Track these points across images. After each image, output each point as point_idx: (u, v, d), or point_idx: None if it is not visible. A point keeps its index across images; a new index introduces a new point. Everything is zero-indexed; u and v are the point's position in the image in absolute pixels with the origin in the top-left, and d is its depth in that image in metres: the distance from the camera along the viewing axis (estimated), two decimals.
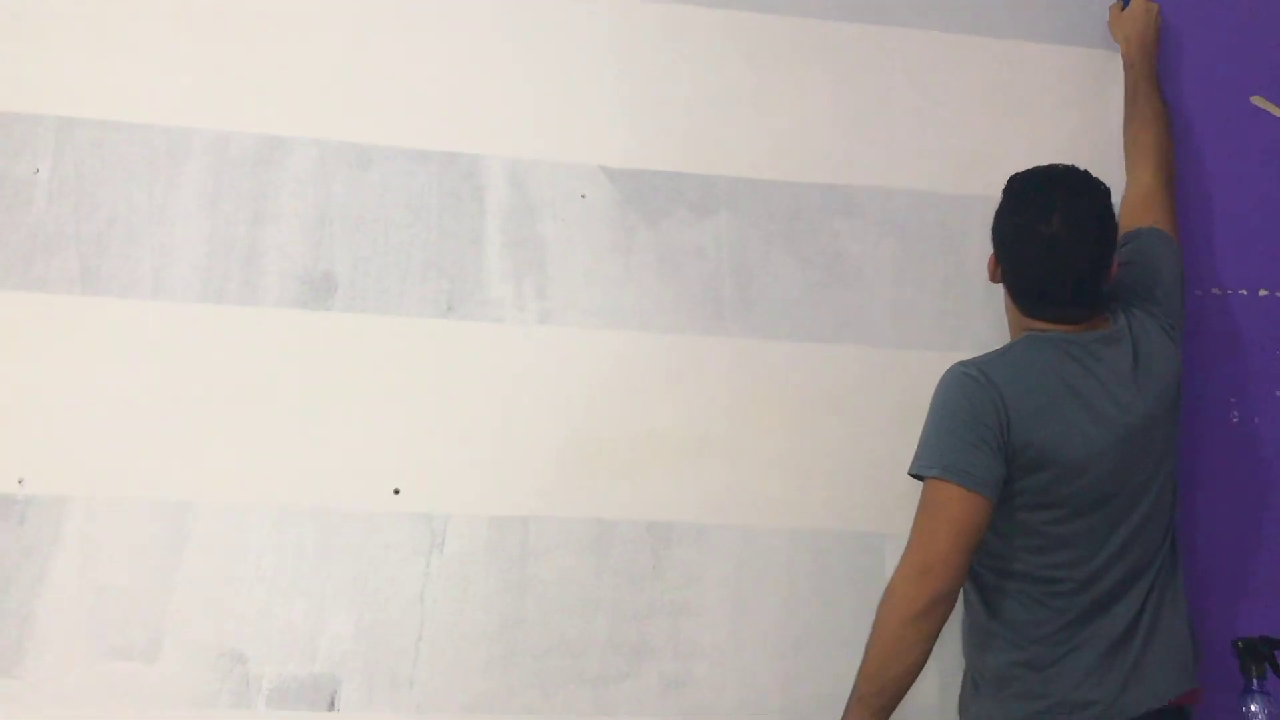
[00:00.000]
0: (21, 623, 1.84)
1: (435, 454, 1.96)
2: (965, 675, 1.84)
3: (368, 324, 1.99)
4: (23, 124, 1.98)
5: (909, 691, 1.64)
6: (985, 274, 1.91)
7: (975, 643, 1.80)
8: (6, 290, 1.93)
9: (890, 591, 1.65)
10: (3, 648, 1.83)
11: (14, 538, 1.86)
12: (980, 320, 2.09)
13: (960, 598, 1.73)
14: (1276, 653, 1.76)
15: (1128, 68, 2.16)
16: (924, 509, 1.67)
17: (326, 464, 1.93)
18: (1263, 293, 2.16)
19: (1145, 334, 1.80)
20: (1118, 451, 1.71)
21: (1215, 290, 2.16)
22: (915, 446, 1.73)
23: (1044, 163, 1.84)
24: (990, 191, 1.87)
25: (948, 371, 1.76)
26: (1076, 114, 2.21)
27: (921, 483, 1.69)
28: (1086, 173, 1.78)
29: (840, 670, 1.75)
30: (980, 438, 1.68)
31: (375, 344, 1.98)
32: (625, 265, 2.06)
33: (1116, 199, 1.83)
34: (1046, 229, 1.72)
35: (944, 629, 1.65)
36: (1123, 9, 2.21)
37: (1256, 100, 2.22)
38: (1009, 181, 1.82)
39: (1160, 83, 2.14)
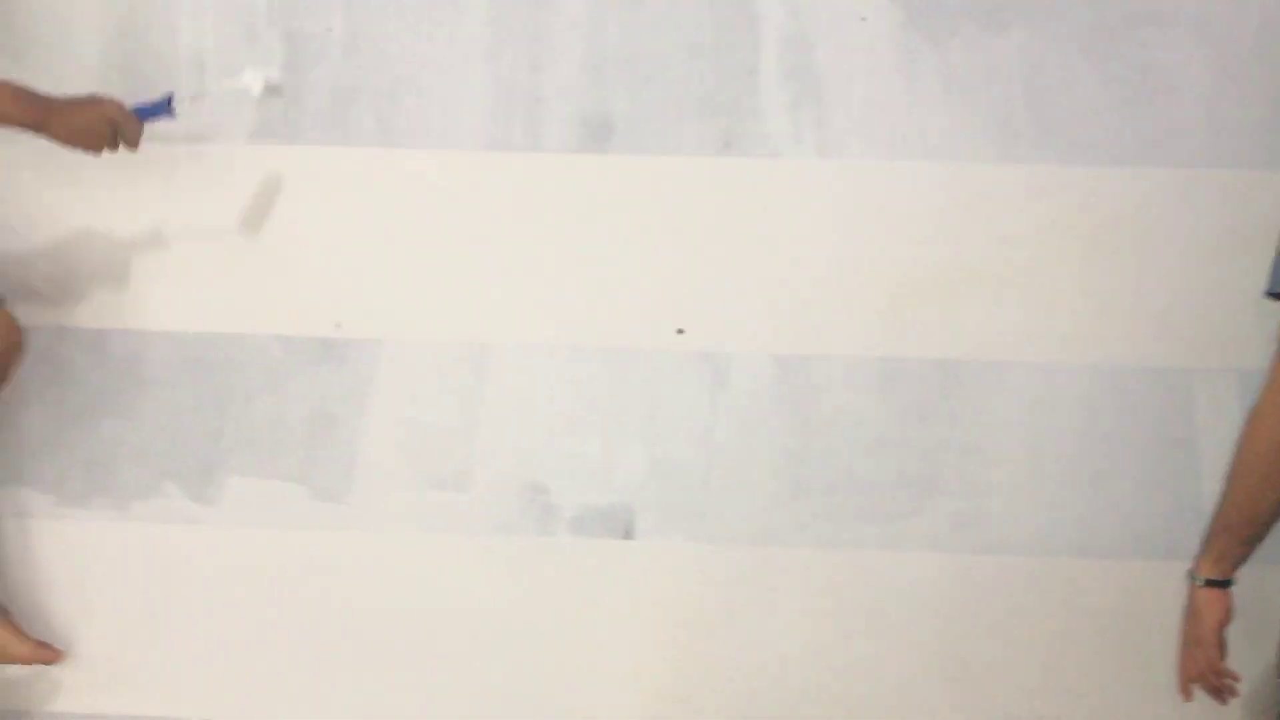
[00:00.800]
0: (349, 454, 1.97)
1: (717, 293, 1.94)
2: None
3: (646, 165, 1.96)
4: None
5: None
6: None
7: None
8: (311, 145, 2.00)
9: (1259, 416, 1.50)
10: (334, 477, 1.97)
11: (336, 377, 1.98)
12: None
13: None
14: None
15: None
16: None
17: (612, 304, 1.95)
18: None
19: None
20: None
21: None
22: (1233, 276, 1.56)
23: None
24: None
25: None
26: None
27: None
28: None
29: (1142, 508, 1.66)
30: None
31: (654, 185, 1.96)
32: (909, 91, 1.94)
33: None
34: None
35: None
36: None
37: None
38: None
39: None
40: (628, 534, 1.93)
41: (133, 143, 1.79)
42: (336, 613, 1.97)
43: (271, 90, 1.86)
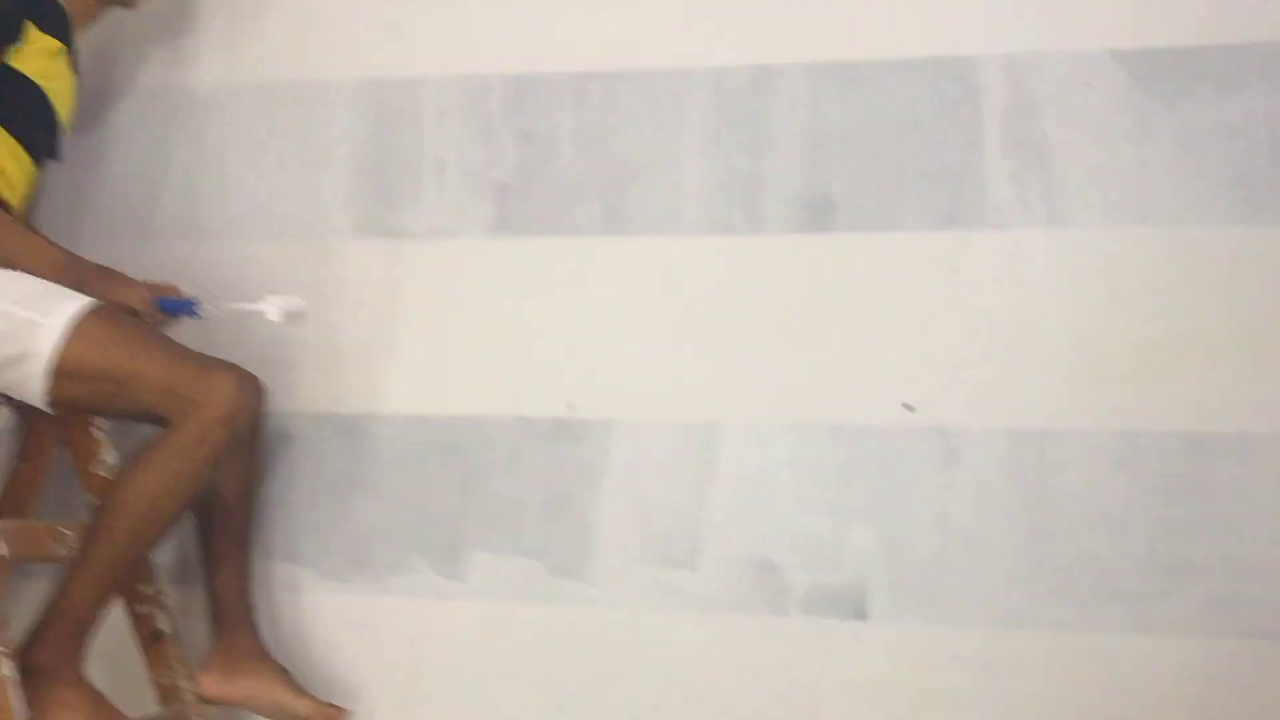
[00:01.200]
0: (584, 531, 2.02)
1: (946, 368, 1.91)
2: None
3: (869, 241, 1.96)
4: (544, 84, 2.10)
5: None
6: None
7: None
8: (543, 236, 2.09)
9: None
10: (572, 553, 2.03)
11: (571, 457, 2.04)
12: None
13: None
14: None
15: None
16: None
17: (840, 381, 1.95)
18: None
19: None
20: None
21: None
22: None
23: None
24: None
25: None
26: None
27: None
28: None
29: None
30: None
31: (878, 261, 1.95)
32: (1140, 155, 1.88)
33: None
34: None
35: None
36: None
37: None
38: None
39: None
40: (860, 614, 1.90)
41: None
42: (574, 683, 2.01)
43: (293, 318, 1.90)
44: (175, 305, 1.91)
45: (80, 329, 1.71)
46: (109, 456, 1.91)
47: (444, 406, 2.09)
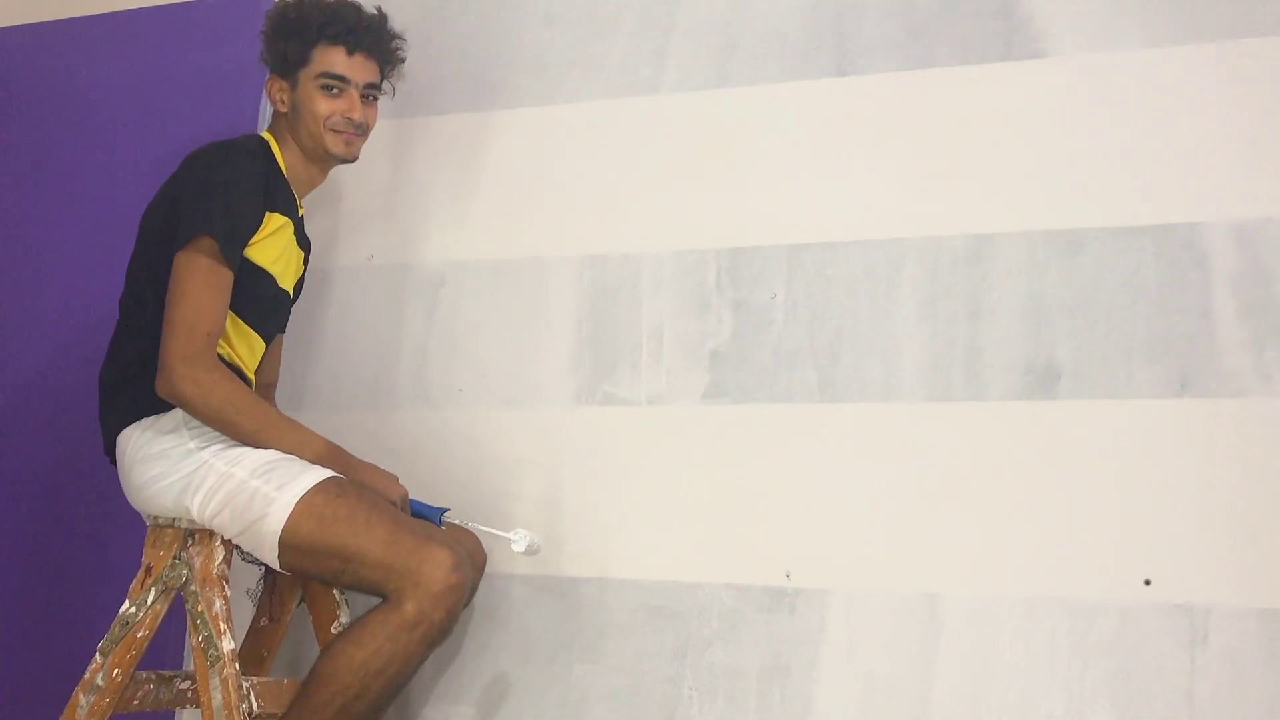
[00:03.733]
0: (803, 704, 1.94)
1: (1186, 541, 1.80)
2: None
3: (1097, 410, 1.87)
4: (759, 256, 2.12)
5: None
6: None
7: None
8: (758, 404, 2.07)
9: None
10: None
11: (787, 627, 1.97)
12: None
13: None
14: None
15: None
16: None
17: (1071, 554, 1.85)
18: None
19: None
20: None
21: None
22: None
23: None
24: None
25: None
26: None
27: None
28: None
29: None
30: None
31: (1107, 429, 1.88)
32: None
33: None
34: None
35: None
36: None
37: None
38: None
39: None
40: None
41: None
42: None
43: (531, 551, 1.90)
44: (424, 509, 1.94)
45: (306, 504, 1.76)
46: (346, 618, 1.92)
47: (659, 572, 2.07)
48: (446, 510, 1.97)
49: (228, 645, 1.73)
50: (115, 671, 1.78)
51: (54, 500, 2.41)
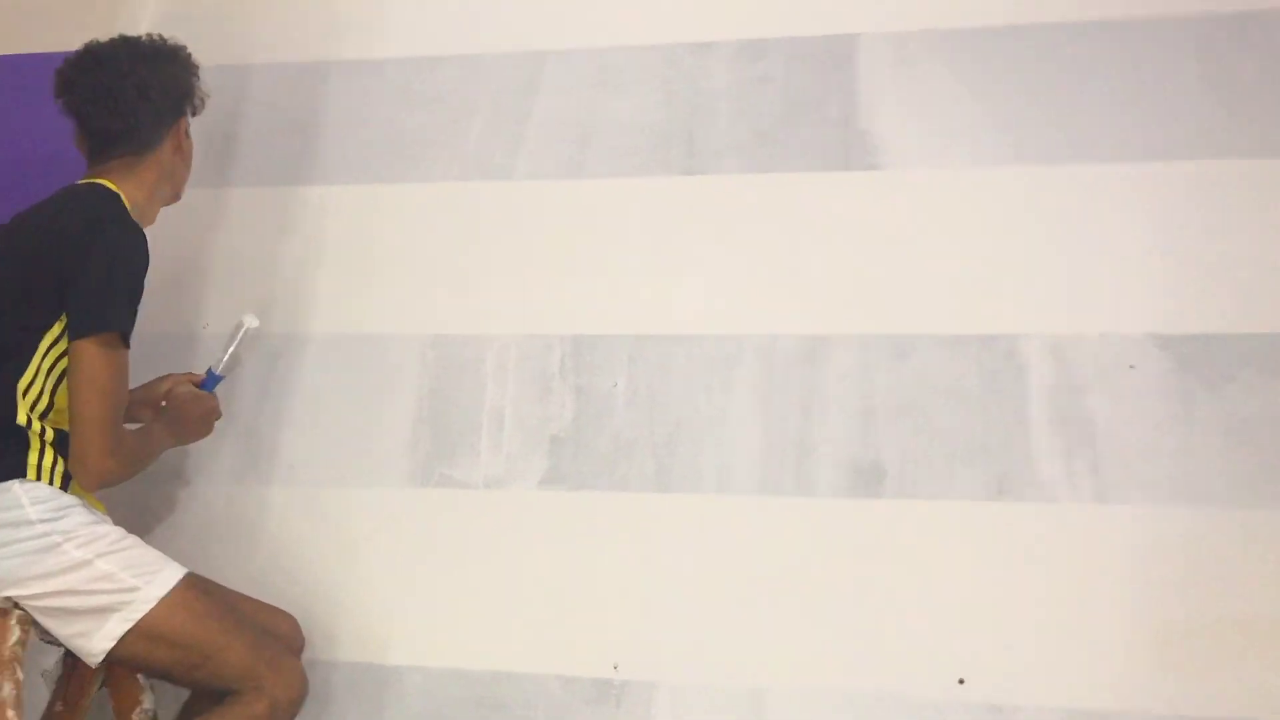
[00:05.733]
0: None
1: (998, 642, 1.82)
2: None
3: (919, 509, 1.90)
4: (603, 344, 2.11)
5: None
6: None
7: None
8: (596, 491, 2.04)
9: None
10: None
11: (614, 719, 1.91)
12: None
13: None
14: None
15: None
16: None
17: (891, 650, 1.86)
18: None
19: None
20: None
21: None
22: None
23: None
24: None
25: None
26: None
27: None
28: None
29: None
30: None
31: (928, 529, 1.90)
32: (1186, 436, 1.84)
33: None
34: None
35: None
36: None
37: None
38: None
39: None
40: None
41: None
42: None
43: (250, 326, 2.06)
44: (209, 382, 2.05)
45: (180, 596, 1.73)
46: (149, 703, 1.80)
47: (487, 661, 2.00)
48: (218, 365, 2.06)
49: None
50: None
51: None
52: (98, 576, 1.69)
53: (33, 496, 1.70)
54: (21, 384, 1.72)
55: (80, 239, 1.75)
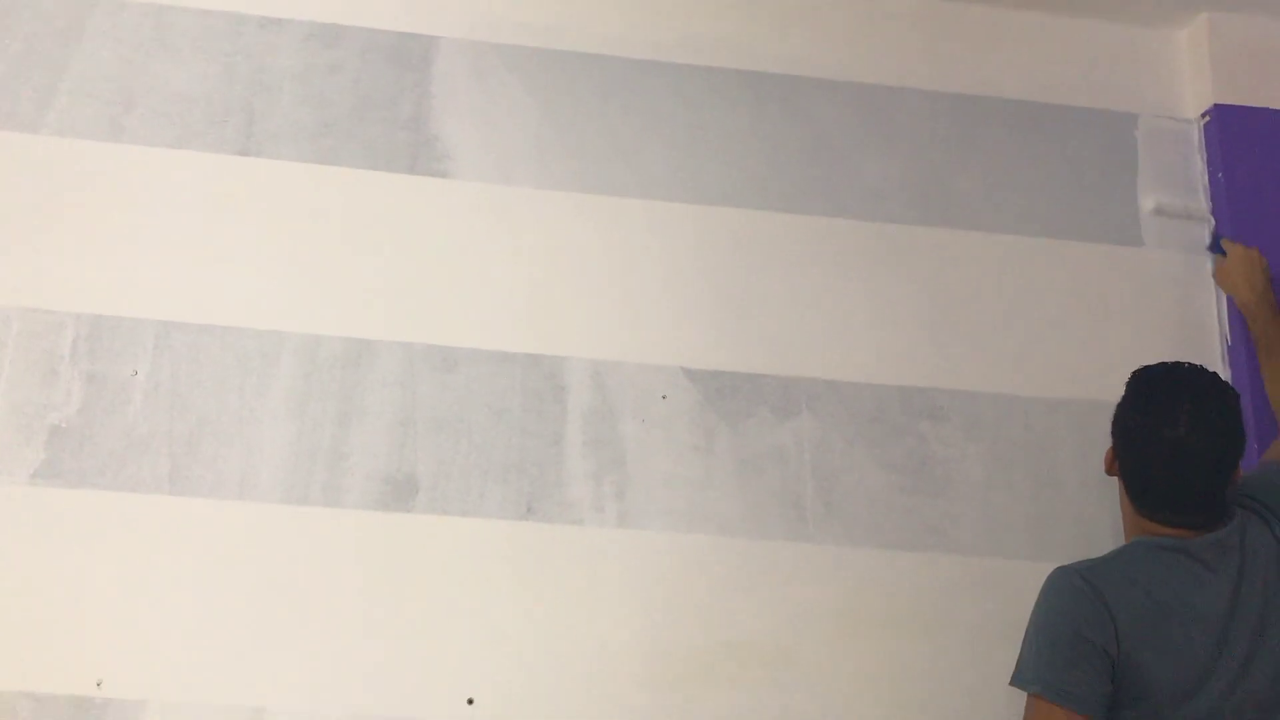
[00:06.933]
0: None
1: (512, 661, 1.79)
2: None
3: (449, 526, 1.85)
4: (124, 327, 1.90)
5: None
6: (1077, 479, 1.72)
7: None
8: (98, 490, 1.83)
9: None
10: None
11: None
12: (1073, 527, 1.89)
13: None
14: None
15: (1250, 320, 1.95)
16: None
17: (401, 670, 1.78)
18: None
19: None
20: (1227, 675, 1.50)
21: None
22: (1011, 660, 1.53)
23: (1131, 368, 1.66)
24: (1080, 394, 1.69)
25: (1052, 575, 1.58)
26: (1166, 317, 2.03)
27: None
28: (1215, 375, 1.60)
29: None
30: (1083, 654, 1.48)
31: (457, 546, 1.85)
32: (706, 467, 1.91)
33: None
34: (1172, 433, 1.54)
35: None
36: (1223, 261, 2.02)
37: None
38: (1133, 377, 1.65)
39: None
40: None
41: None
42: None
43: None
44: None
45: None
46: None
47: None
48: None
49: None
50: None
51: None
52: None
53: None
54: None
55: None
